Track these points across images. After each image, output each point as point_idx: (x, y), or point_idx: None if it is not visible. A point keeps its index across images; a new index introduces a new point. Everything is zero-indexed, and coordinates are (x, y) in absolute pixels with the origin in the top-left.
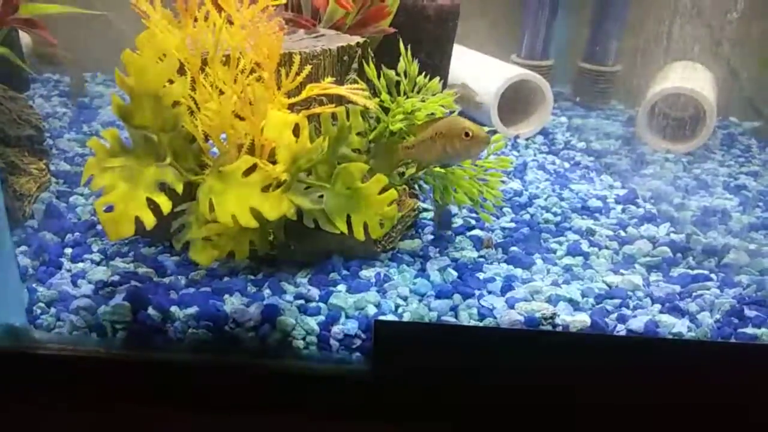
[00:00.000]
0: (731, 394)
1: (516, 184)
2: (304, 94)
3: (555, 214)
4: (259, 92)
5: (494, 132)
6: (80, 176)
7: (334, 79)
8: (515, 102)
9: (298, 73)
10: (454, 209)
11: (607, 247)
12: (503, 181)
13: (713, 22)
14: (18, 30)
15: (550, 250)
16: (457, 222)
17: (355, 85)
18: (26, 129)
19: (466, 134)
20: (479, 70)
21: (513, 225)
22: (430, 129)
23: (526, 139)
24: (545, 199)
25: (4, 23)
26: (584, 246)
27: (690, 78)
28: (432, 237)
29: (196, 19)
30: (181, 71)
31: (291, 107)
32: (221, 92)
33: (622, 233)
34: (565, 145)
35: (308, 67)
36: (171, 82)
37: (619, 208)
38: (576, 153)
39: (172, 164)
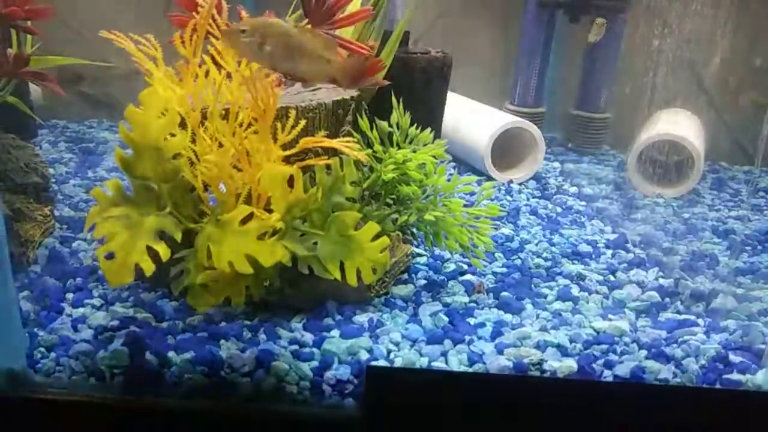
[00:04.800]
0: None
1: (508, 230)
2: (298, 147)
3: (546, 259)
4: (255, 145)
5: (489, 178)
6: (84, 222)
7: (328, 132)
8: (509, 148)
9: (293, 127)
10: (446, 254)
11: (597, 292)
12: (495, 227)
13: (701, 70)
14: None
15: (541, 295)
16: (450, 267)
17: (348, 138)
18: (32, 177)
19: None
20: (473, 118)
21: (504, 270)
22: None
23: (519, 184)
24: (536, 244)
25: (15, 76)
26: (574, 291)
27: (678, 124)
28: (425, 282)
29: (197, 76)
30: (183, 125)
31: (287, 159)
32: (220, 145)
33: (612, 278)
34: (557, 190)
35: (303, 121)
36: (172, 135)
37: (609, 252)
38: (568, 198)
39: (171, 213)
